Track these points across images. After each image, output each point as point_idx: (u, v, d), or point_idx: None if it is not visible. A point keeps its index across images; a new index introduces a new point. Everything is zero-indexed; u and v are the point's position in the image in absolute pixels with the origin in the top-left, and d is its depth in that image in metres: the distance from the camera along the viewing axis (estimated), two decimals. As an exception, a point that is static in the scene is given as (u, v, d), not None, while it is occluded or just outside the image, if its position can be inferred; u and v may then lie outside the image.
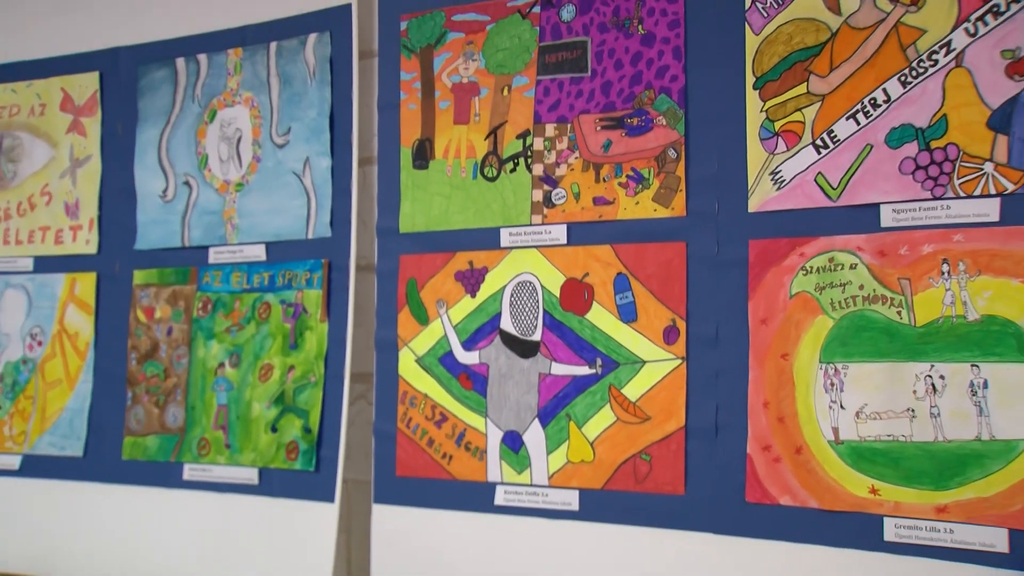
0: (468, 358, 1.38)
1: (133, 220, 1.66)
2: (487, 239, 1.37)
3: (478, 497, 1.35)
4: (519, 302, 1.35)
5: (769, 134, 1.19)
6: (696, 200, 1.23)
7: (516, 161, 1.36)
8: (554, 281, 1.32)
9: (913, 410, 1.09)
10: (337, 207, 1.48)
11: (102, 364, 1.67)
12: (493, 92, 1.38)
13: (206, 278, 1.60)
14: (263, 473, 1.50)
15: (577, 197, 1.31)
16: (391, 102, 1.46)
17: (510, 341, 1.35)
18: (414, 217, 1.43)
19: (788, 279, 1.17)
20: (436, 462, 1.39)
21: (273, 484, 1.49)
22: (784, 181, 1.18)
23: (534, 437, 1.32)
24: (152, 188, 1.66)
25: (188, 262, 1.61)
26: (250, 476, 1.51)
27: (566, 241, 1.32)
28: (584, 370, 1.29)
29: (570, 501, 1.29)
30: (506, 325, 1.35)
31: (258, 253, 1.55)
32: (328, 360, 1.46)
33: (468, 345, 1.38)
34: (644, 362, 1.25)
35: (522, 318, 1.34)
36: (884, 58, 1.13)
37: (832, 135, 1.16)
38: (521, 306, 1.35)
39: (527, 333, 1.34)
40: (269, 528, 1.49)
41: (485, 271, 1.37)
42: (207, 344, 1.58)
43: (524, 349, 1.34)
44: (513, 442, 1.34)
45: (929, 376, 1.08)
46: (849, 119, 1.14)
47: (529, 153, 1.35)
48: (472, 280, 1.38)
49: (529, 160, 1.35)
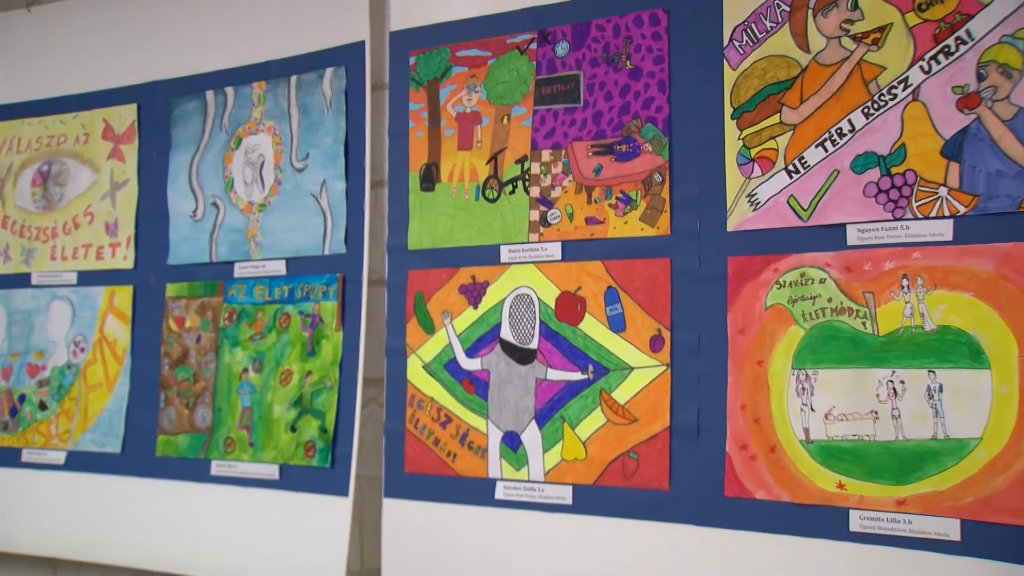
0: (471, 364, 1.42)
1: (166, 238, 1.72)
2: (488, 255, 1.41)
3: (480, 492, 1.39)
4: (518, 313, 1.39)
5: (746, 160, 1.23)
6: (680, 220, 1.27)
7: (515, 184, 1.40)
8: (550, 294, 1.36)
9: (876, 412, 1.13)
10: (351, 226, 1.52)
11: (138, 369, 1.72)
12: (494, 121, 1.43)
13: (232, 291, 1.65)
14: (283, 469, 1.55)
15: (571, 217, 1.35)
16: (401, 130, 1.50)
17: (509, 349, 1.39)
18: (421, 235, 1.47)
19: (763, 292, 1.21)
20: (441, 460, 1.43)
21: (292, 479, 1.53)
22: (759, 203, 1.22)
23: (531, 437, 1.36)
24: (183, 209, 1.71)
25: (215, 276, 1.67)
26: (271, 472, 1.55)
27: (561, 257, 1.36)
28: (577, 376, 1.33)
29: (564, 496, 1.33)
30: (506, 334, 1.39)
31: (279, 268, 1.60)
32: (343, 366, 1.51)
33: (471, 353, 1.42)
34: (632, 368, 1.29)
35: (520, 328, 1.38)
36: (849, 92, 1.17)
37: (803, 161, 1.20)
38: (519, 317, 1.39)
39: (525, 342, 1.38)
40: (289, 519, 1.53)
41: (486, 285, 1.41)
42: (232, 351, 1.63)
43: (522, 356, 1.38)
44: (512, 442, 1.38)
45: (891, 381, 1.13)
46: (818, 147, 1.19)
47: (527, 177, 1.39)
48: (474, 293, 1.42)
49: (527, 183, 1.39)
